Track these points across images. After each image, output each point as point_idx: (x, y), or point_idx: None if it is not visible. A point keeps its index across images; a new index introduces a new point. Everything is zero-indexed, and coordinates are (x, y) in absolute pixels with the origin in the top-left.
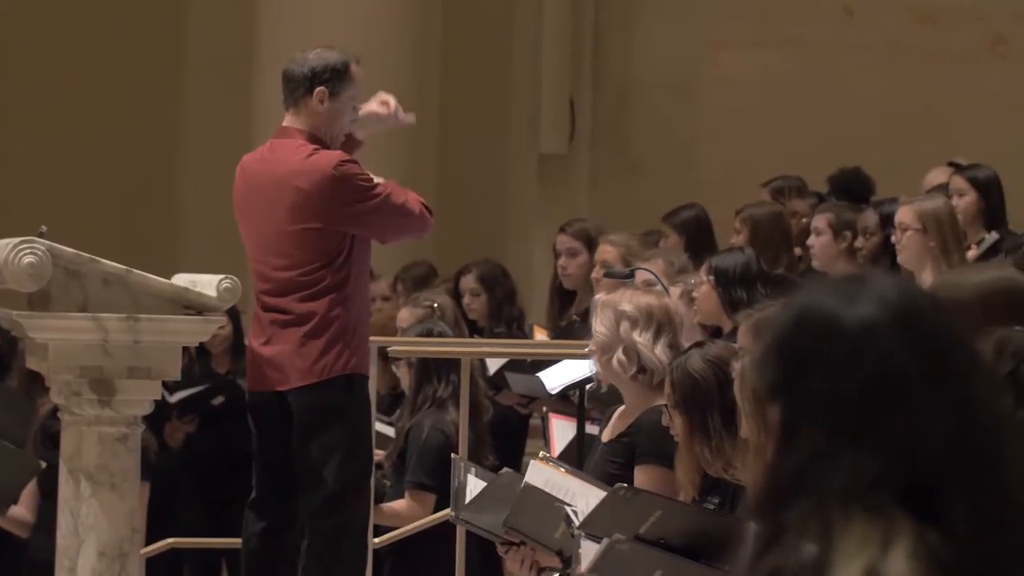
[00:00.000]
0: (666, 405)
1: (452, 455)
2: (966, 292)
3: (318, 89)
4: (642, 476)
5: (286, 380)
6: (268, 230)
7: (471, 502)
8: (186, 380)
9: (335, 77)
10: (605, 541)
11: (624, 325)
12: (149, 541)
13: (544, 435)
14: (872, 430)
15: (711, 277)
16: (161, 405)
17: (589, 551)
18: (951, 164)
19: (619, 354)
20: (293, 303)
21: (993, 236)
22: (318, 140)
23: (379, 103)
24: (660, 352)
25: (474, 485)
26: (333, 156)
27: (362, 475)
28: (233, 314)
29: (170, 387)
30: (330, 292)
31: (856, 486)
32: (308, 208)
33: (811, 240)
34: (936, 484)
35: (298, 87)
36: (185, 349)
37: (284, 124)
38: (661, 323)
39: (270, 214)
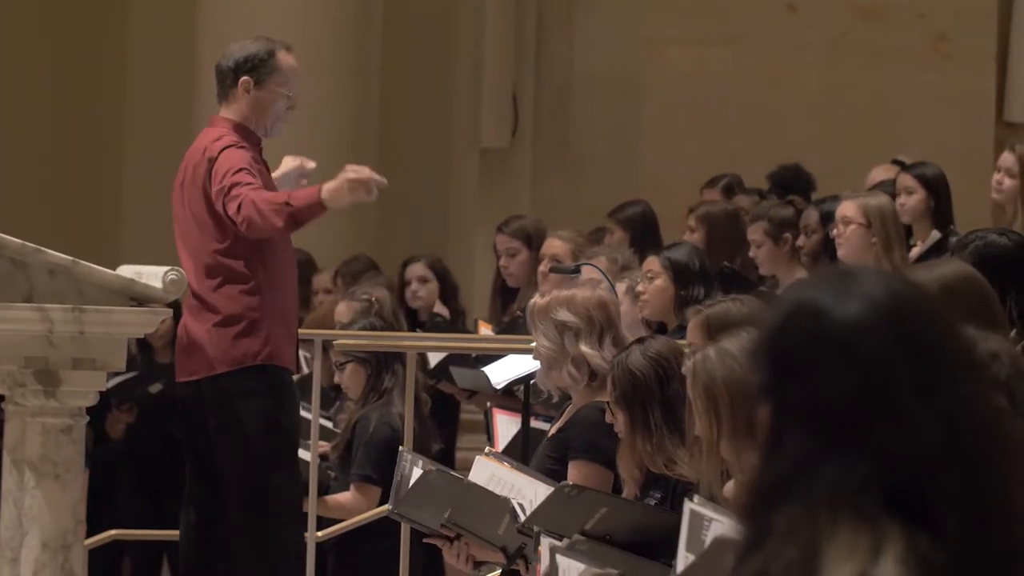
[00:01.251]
0: (608, 402)
1: (400, 448)
2: (932, 286)
3: (242, 79)
4: (575, 472)
5: (200, 369)
6: (181, 215)
7: (406, 496)
8: (128, 371)
9: (259, 66)
10: (564, 541)
11: (568, 337)
12: (90, 532)
13: (487, 430)
14: (860, 435)
15: (668, 272)
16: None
17: (547, 550)
18: (895, 162)
19: (569, 367)
20: (205, 290)
21: (935, 235)
22: (245, 130)
23: (351, 172)
24: (608, 355)
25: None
26: (223, 141)
27: (284, 465)
28: (175, 306)
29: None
30: (241, 280)
31: (844, 491)
32: (196, 196)
33: (753, 252)
34: (926, 489)
35: (225, 79)
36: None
37: (215, 116)
38: (603, 325)
39: (182, 199)
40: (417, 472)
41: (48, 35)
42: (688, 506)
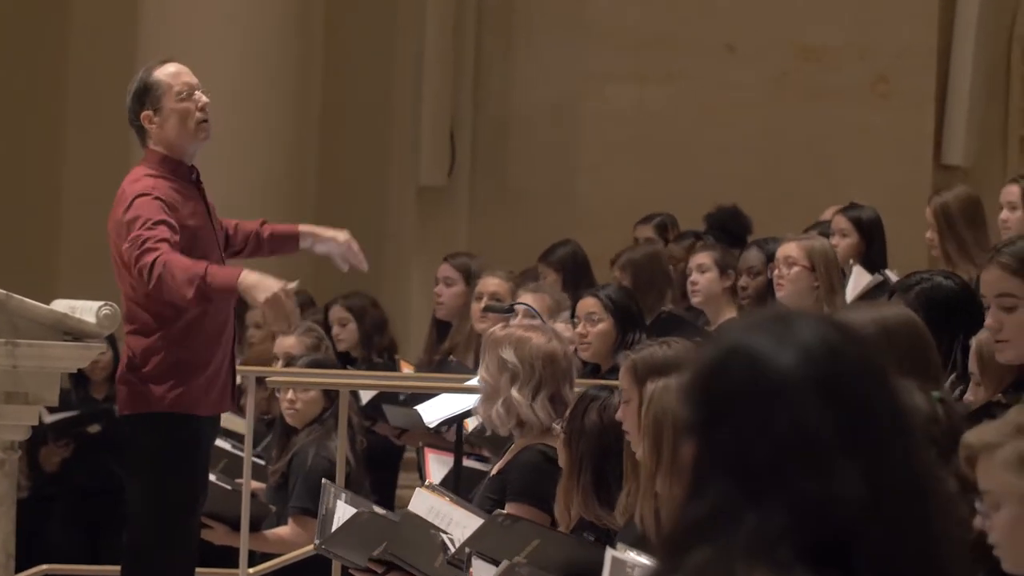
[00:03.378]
0: (559, 434)
1: (323, 480)
2: (870, 328)
3: (143, 115)
4: (512, 512)
5: (119, 406)
6: (111, 257)
7: (336, 532)
8: (64, 406)
9: (144, 93)
10: (504, 563)
11: (505, 377)
12: (25, 566)
13: (419, 469)
14: (781, 486)
15: (610, 315)
16: (37, 428)
17: (481, 570)
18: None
19: (499, 406)
20: (126, 331)
21: (877, 278)
22: (172, 162)
23: (344, 237)
24: (539, 408)
25: (343, 512)
26: (138, 185)
27: (170, 521)
28: (111, 341)
29: (48, 410)
30: (154, 327)
31: (761, 541)
32: (113, 239)
33: (694, 276)
34: (847, 542)
35: (135, 126)
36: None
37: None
38: (542, 377)
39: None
40: (341, 505)
41: None
42: (610, 553)
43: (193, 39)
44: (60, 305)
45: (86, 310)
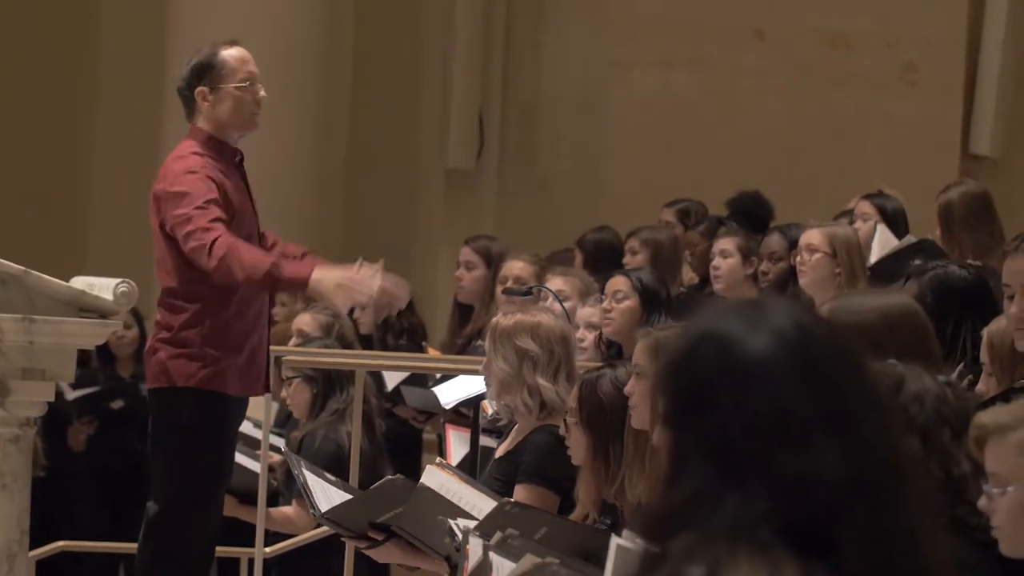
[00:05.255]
0: (565, 420)
1: (283, 449)
2: (872, 316)
3: (198, 91)
4: (522, 495)
5: (149, 380)
6: (151, 226)
7: (340, 505)
8: (91, 383)
9: (207, 71)
10: (498, 535)
11: (527, 365)
12: (46, 543)
13: (440, 449)
14: (761, 468)
15: (637, 294)
16: (62, 405)
17: (477, 548)
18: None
19: (524, 395)
20: (160, 306)
21: (910, 238)
22: (218, 143)
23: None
24: (562, 389)
25: (310, 479)
26: (184, 164)
27: (192, 499)
28: (138, 318)
29: (71, 387)
30: (189, 302)
31: (743, 523)
32: (155, 210)
33: (717, 262)
34: (828, 522)
35: (186, 99)
36: (90, 352)
37: (192, 126)
38: (562, 359)
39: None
40: (308, 474)
41: (16, 41)
42: (615, 541)
43: (225, 26)
44: (79, 282)
45: (103, 287)
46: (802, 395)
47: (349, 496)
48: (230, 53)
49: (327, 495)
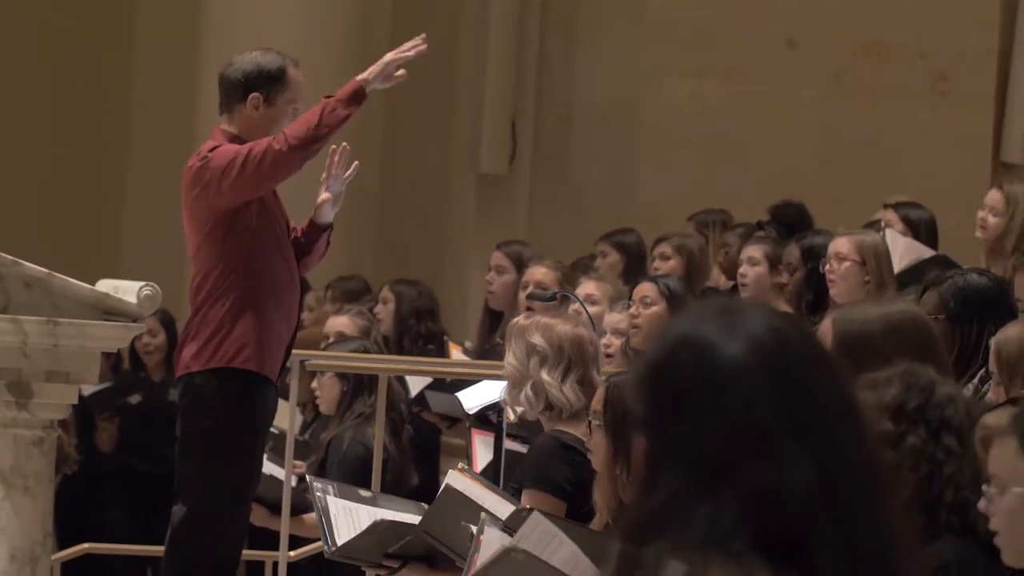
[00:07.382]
0: (590, 421)
1: (307, 476)
2: (876, 323)
3: (252, 95)
4: (526, 500)
5: (179, 366)
6: (182, 205)
7: (352, 540)
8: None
9: (269, 82)
10: (499, 547)
11: (534, 361)
12: (74, 543)
13: (467, 453)
14: (733, 477)
15: (665, 300)
16: (84, 405)
17: (493, 540)
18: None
19: (528, 390)
20: (192, 290)
21: (927, 250)
22: (239, 141)
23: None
24: (568, 390)
25: (336, 507)
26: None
27: (227, 494)
28: (166, 324)
29: None
30: (215, 288)
31: (715, 532)
32: (184, 202)
33: (744, 269)
34: (800, 532)
35: (233, 92)
36: (121, 359)
37: (216, 127)
38: (572, 359)
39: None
40: (332, 500)
41: (51, 44)
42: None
43: (259, 23)
44: (104, 285)
45: (127, 290)
46: (775, 404)
47: (379, 512)
48: (297, 75)
49: (355, 519)
